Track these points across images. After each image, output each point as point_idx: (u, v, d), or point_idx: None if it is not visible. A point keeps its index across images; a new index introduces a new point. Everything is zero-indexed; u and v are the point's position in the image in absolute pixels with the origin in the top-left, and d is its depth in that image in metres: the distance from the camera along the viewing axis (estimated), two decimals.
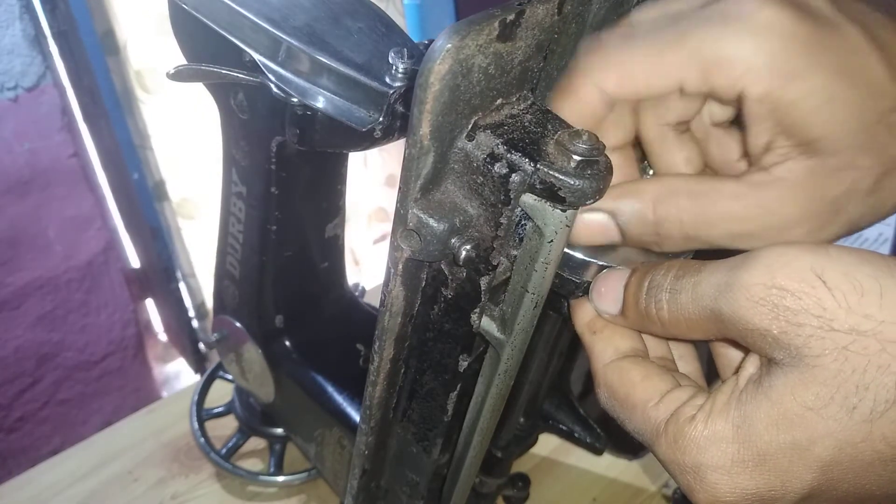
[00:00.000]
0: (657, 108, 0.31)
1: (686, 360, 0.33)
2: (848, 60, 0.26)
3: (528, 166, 0.26)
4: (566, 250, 0.31)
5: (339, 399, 0.56)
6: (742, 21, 0.26)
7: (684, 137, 0.32)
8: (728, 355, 0.31)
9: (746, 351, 0.27)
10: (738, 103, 0.28)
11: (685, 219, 0.29)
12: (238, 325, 0.58)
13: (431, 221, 0.28)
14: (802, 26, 0.26)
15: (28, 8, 1.10)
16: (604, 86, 0.29)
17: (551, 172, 0.25)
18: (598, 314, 0.31)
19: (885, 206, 0.28)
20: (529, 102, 0.29)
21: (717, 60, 0.27)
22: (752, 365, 0.26)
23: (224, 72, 0.41)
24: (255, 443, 0.70)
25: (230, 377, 0.72)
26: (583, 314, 0.32)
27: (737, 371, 0.27)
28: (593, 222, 0.30)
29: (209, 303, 1.52)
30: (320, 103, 0.39)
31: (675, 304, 0.27)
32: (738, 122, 0.31)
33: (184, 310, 1.52)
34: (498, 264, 0.29)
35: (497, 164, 0.26)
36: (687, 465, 0.26)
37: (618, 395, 0.29)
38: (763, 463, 0.25)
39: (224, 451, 0.68)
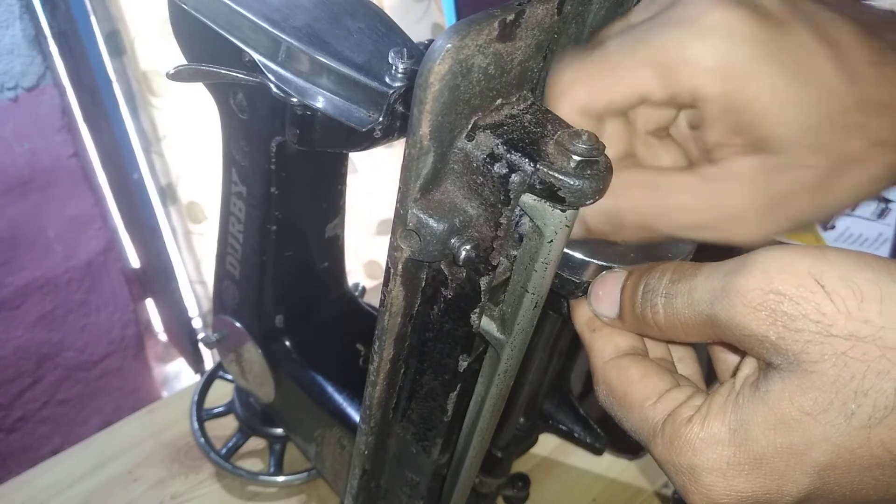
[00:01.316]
0: (636, 118, 0.32)
1: (685, 363, 0.33)
2: (798, 60, 0.27)
3: (527, 166, 0.26)
4: (566, 250, 0.31)
5: (339, 399, 0.56)
6: (693, 24, 0.27)
7: (667, 142, 0.33)
8: (725, 358, 0.31)
9: (743, 354, 0.27)
10: (696, 104, 0.28)
11: (642, 210, 0.30)
12: (238, 325, 0.58)
13: (431, 221, 0.28)
14: (753, 27, 0.26)
15: (28, 8, 1.10)
16: (576, 102, 0.29)
17: (551, 172, 0.25)
18: (596, 319, 0.31)
19: (832, 203, 0.29)
20: (529, 102, 0.29)
21: (672, 64, 0.27)
22: (748, 367, 0.26)
23: (224, 72, 0.41)
24: (255, 443, 0.70)
25: (230, 377, 0.72)
26: (582, 313, 0.32)
27: (734, 373, 0.27)
28: None
29: None
30: (320, 103, 0.39)
31: (671, 309, 0.27)
32: None
33: (184, 310, 1.52)
34: (498, 264, 0.29)
35: (497, 165, 0.26)
36: (682, 466, 0.26)
37: (616, 392, 0.30)
38: (759, 466, 0.25)
39: (224, 451, 0.68)
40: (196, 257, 1.44)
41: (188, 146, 1.32)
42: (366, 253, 1.57)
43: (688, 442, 0.26)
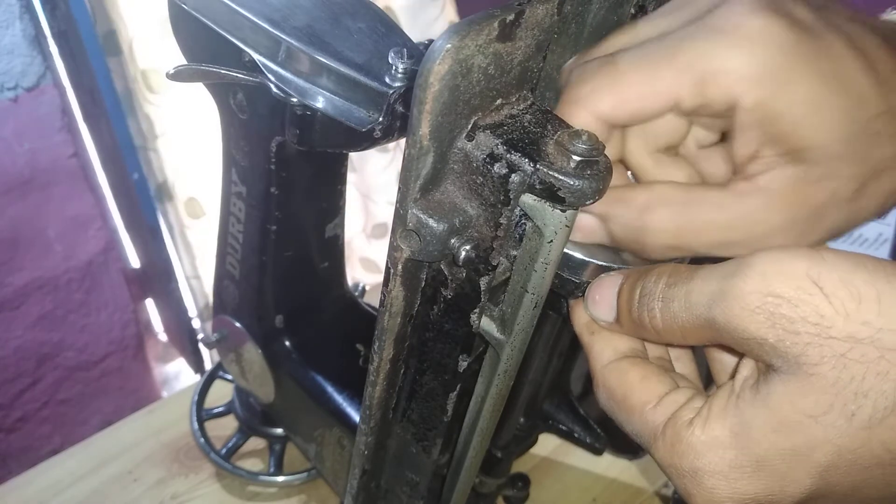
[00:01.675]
0: (647, 135, 0.31)
1: (682, 361, 0.33)
2: (834, 69, 0.27)
3: (527, 166, 0.26)
4: (566, 250, 0.31)
5: (339, 399, 0.56)
6: (732, 32, 0.27)
7: (678, 159, 0.33)
8: (723, 360, 0.31)
9: (741, 355, 0.27)
10: (730, 113, 0.28)
11: (670, 228, 0.29)
12: (238, 325, 0.58)
13: (431, 222, 0.28)
14: (791, 35, 0.26)
15: (28, 8, 1.10)
16: (599, 112, 0.29)
17: (551, 173, 0.25)
18: (595, 322, 0.31)
19: (865, 212, 0.29)
20: (529, 102, 0.29)
21: (711, 73, 0.27)
22: (747, 368, 0.26)
23: (224, 72, 0.41)
24: (255, 443, 0.70)
25: (230, 377, 0.72)
26: (581, 314, 0.32)
27: (733, 375, 0.27)
28: (583, 223, 0.31)
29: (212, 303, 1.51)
30: (320, 103, 0.39)
31: (669, 313, 0.27)
32: (723, 138, 0.31)
33: (184, 310, 1.52)
34: (498, 264, 0.29)
35: (497, 165, 0.26)
36: (684, 469, 0.26)
37: (616, 396, 0.30)
38: (761, 468, 0.25)
39: (224, 451, 0.68)
40: (192, 253, 1.45)
41: (187, 142, 1.33)
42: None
43: (689, 445, 0.26)
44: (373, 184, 1.48)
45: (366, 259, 1.60)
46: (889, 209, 0.30)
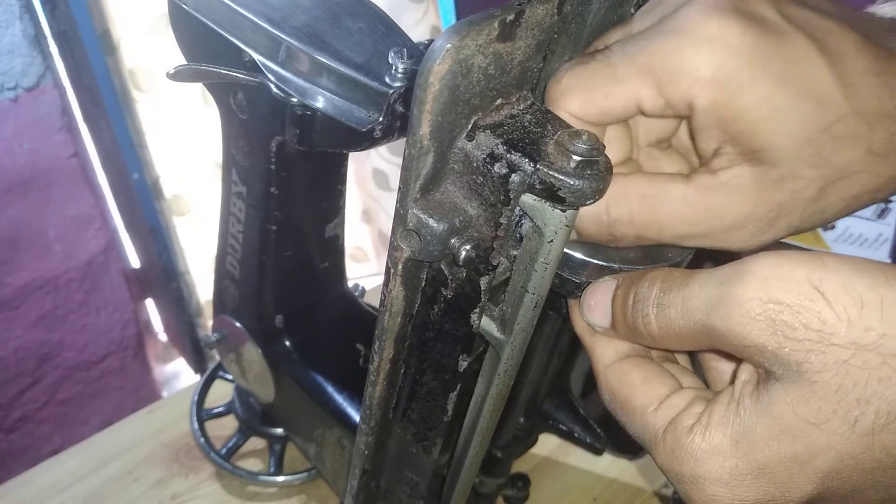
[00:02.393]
0: (636, 129, 0.32)
1: (684, 355, 0.33)
2: (795, 70, 0.26)
3: (527, 166, 0.26)
4: (566, 250, 0.31)
5: (339, 399, 0.56)
6: (689, 34, 0.27)
7: (670, 151, 0.33)
8: (718, 367, 0.31)
9: (739, 361, 0.26)
10: (690, 114, 0.28)
11: (636, 220, 0.29)
12: (238, 325, 0.58)
13: (431, 221, 0.28)
14: (749, 36, 0.26)
15: (28, 8, 1.10)
16: (570, 111, 0.29)
17: (551, 172, 0.25)
18: (591, 328, 0.31)
19: (826, 213, 0.29)
20: (529, 102, 0.29)
21: (668, 74, 0.27)
22: (746, 373, 0.26)
23: (224, 72, 0.41)
24: (255, 443, 0.70)
25: (230, 377, 0.72)
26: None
27: (732, 381, 0.27)
28: None
29: (203, 299, 1.52)
30: (320, 103, 0.39)
31: (664, 320, 0.27)
32: None
33: (184, 310, 1.52)
34: (498, 264, 0.29)
35: (497, 164, 0.26)
36: (685, 475, 0.26)
37: (618, 397, 0.30)
38: (762, 476, 0.25)
39: (224, 451, 0.68)
40: (180, 246, 1.45)
41: (172, 140, 1.34)
42: None
43: (689, 452, 0.26)
44: None
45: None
46: (858, 209, 0.30)
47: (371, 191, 1.57)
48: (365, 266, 1.71)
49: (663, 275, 0.27)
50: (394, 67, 0.38)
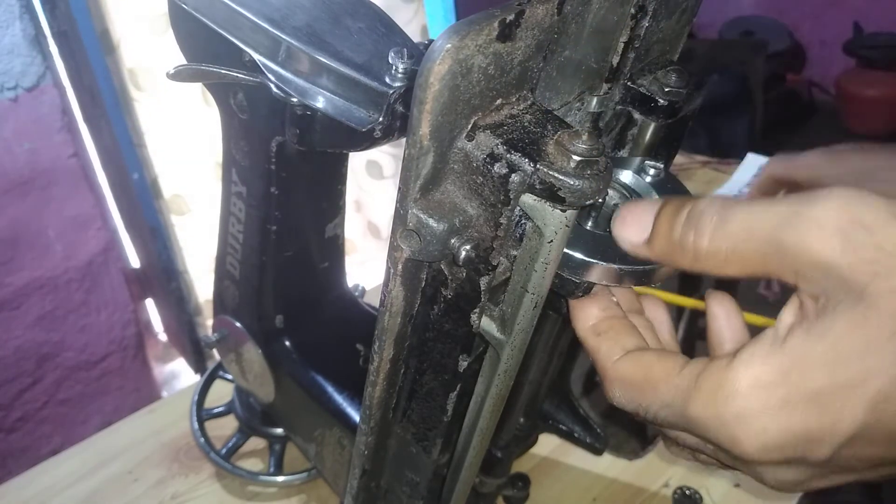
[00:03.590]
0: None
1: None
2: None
3: (527, 166, 0.26)
4: (566, 250, 0.31)
5: (339, 399, 0.56)
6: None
7: None
8: (722, 332, 0.31)
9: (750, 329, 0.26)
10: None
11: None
12: (238, 325, 0.58)
13: (431, 221, 0.28)
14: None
15: (28, 8, 1.10)
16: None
17: (551, 172, 0.25)
18: (618, 242, 0.30)
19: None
20: (529, 102, 0.29)
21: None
22: (789, 315, 0.26)
23: (224, 72, 0.41)
24: (255, 443, 0.70)
25: (230, 377, 0.72)
26: (585, 317, 0.32)
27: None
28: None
29: (202, 298, 1.52)
30: (320, 103, 0.39)
31: (722, 233, 0.26)
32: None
33: (184, 310, 1.52)
34: (498, 264, 0.29)
35: (497, 165, 0.26)
36: (728, 416, 0.25)
37: (635, 379, 0.29)
38: (814, 404, 0.24)
39: (224, 451, 0.68)
40: (179, 246, 1.46)
41: (171, 140, 1.34)
42: None
43: (734, 389, 0.25)
44: None
45: None
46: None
47: (360, 181, 1.58)
48: (352, 256, 1.72)
49: (721, 198, 0.27)
50: (394, 67, 0.38)
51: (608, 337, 0.31)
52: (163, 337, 1.73)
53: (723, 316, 0.32)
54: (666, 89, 0.36)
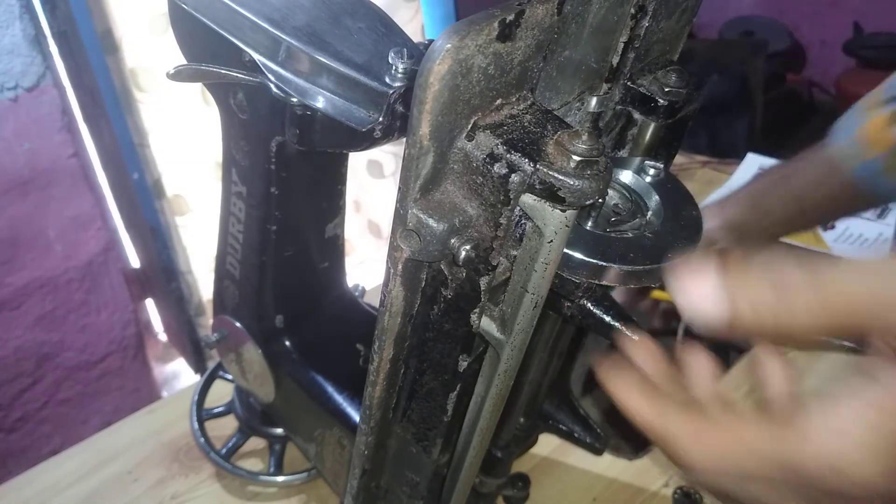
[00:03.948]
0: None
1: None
2: None
3: (527, 166, 0.26)
4: (566, 250, 0.31)
5: (339, 399, 0.56)
6: None
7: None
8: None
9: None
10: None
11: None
12: (238, 325, 0.58)
13: (431, 221, 0.28)
14: None
15: (28, 8, 1.10)
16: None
17: (551, 173, 0.25)
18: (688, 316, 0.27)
19: None
20: (529, 103, 0.29)
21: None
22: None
23: (224, 72, 0.41)
24: (255, 443, 0.70)
25: (230, 377, 0.72)
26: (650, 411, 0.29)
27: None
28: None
29: (205, 298, 1.52)
30: (320, 103, 0.39)
31: (821, 296, 0.25)
32: None
33: (184, 310, 1.52)
34: (498, 264, 0.29)
35: (497, 165, 0.26)
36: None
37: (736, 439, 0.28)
38: None
39: (224, 451, 0.68)
40: (182, 245, 1.46)
41: (173, 140, 1.34)
42: None
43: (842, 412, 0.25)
44: None
45: None
46: None
47: (361, 180, 1.58)
48: (352, 256, 1.72)
49: (792, 258, 0.26)
50: (394, 67, 0.38)
51: (680, 416, 0.28)
52: (163, 337, 1.73)
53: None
54: (666, 89, 0.36)
